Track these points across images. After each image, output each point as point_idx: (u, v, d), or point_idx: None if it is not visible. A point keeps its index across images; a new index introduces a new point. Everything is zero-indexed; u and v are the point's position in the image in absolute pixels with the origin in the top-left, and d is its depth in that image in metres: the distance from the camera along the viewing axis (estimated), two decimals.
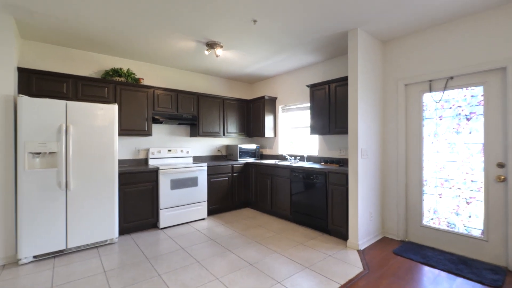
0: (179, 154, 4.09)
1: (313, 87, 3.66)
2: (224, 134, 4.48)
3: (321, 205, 3.20)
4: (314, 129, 3.64)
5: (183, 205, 3.59)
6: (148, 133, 3.62)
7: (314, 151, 4.08)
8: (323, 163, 3.58)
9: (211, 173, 3.97)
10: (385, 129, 3.15)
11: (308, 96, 4.13)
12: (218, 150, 4.76)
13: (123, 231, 3.21)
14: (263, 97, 4.52)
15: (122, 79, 3.49)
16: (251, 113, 4.79)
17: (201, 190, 3.78)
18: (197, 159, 4.45)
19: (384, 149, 3.16)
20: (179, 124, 4.15)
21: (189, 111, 4.04)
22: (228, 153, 4.75)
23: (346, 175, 2.93)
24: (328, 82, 3.44)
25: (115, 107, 2.92)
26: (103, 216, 2.83)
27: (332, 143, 3.75)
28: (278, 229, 3.37)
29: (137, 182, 3.25)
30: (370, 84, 2.96)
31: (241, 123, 4.74)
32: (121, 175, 3.12)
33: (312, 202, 3.31)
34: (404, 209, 2.99)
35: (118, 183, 3.08)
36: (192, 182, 3.68)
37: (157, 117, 3.67)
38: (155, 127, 4.01)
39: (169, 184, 3.46)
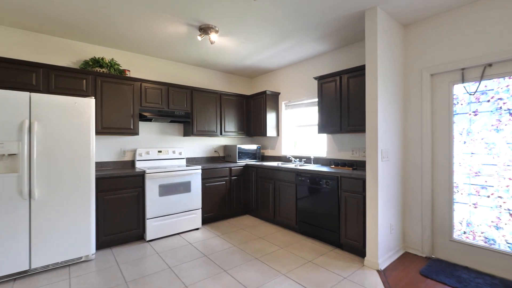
0: (170, 155, 3.66)
1: (321, 79, 3.22)
2: (221, 133, 4.05)
3: (332, 215, 2.77)
4: (323, 128, 3.20)
5: (174, 214, 3.16)
6: (134, 131, 3.19)
7: (322, 152, 3.64)
8: (333, 166, 3.15)
9: (206, 176, 3.53)
10: (407, 127, 2.71)
11: (315, 90, 3.69)
12: (215, 151, 4.33)
13: (102, 244, 2.77)
14: (264, 92, 4.09)
15: (104, 70, 3.06)
16: (251, 110, 4.36)
17: (195, 196, 3.35)
18: (191, 161, 4.02)
19: (406, 150, 2.72)
20: (171, 122, 3.72)
21: (181, 107, 3.61)
22: (226, 154, 4.32)
23: (362, 181, 2.50)
24: (339, 73, 3.01)
25: (91, 101, 2.50)
26: (76, 229, 2.40)
27: (343, 143, 3.32)
28: (282, 242, 2.93)
29: (120, 188, 2.82)
30: (389, 74, 2.52)
31: (240, 121, 4.31)
32: (100, 180, 2.69)
33: (322, 211, 2.87)
34: (430, 220, 2.55)
35: (96, 190, 2.66)
36: (184, 187, 3.25)
37: (145, 113, 3.24)
38: (143, 125, 3.58)
39: (157, 190, 3.03)
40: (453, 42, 2.40)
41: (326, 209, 2.82)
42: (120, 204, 2.82)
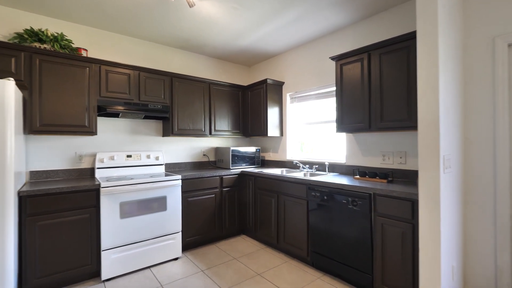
0: (144, 161, 2.84)
1: (341, 59, 2.40)
2: (210, 133, 3.23)
3: (361, 248, 1.94)
4: (343, 125, 2.38)
5: (142, 242, 2.34)
6: (89, 130, 2.38)
7: (340, 157, 2.82)
8: (357, 177, 2.32)
9: (188, 189, 2.72)
10: (469, 122, 1.88)
11: (331, 76, 2.87)
12: (204, 155, 3.51)
13: None
14: (265, 81, 3.27)
15: (46, 46, 2.25)
16: (249, 104, 3.54)
17: (173, 215, 2.53)
18: (172, 168, 3.20)
19: (467, 156, 1.89)
20: (146, 118, 2.91)
21: (158, 99, 2.80)
22: (218, 158, 3.51)
23: (411, 202, 1.67)
24: (367, 49, 2.19)
25: (8, 84, 1.69)
26: None
27: (370, 145, 2.50)
28: (291, 283, 2.11)
29: (62, 209, 2.01)
30: (449, 45, 1.70)
31: (235, 118, 3.50)
32: (29, 199, 1.88)
33: (346, 241, 2.05)
34: (511, 260, 1.73)
35: (23, 213, 1.85)
36: (158, 204, 2.43)
37: (106, 106, 2.43)
38: (106, 123, 2.76)
39: (117, 210, 2.21)
40: None
41: (352, 239, 2.00)
42: (63, 231, 2.01)
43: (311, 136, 3.20)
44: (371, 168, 2.45)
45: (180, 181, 2.58)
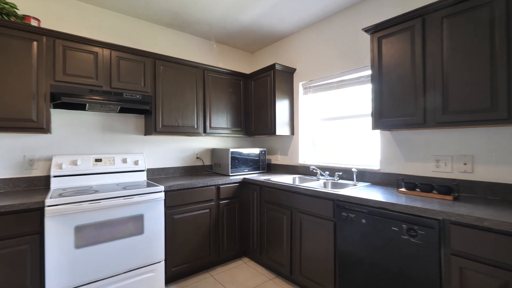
0: (119, 166, 2.21)
1: (379, 31, 1.78)
2: (205, 131, 2.61)
3: None
4: (384, 119, 1.76)
5: (109, 278, 1.71)
6: (38, 126, 1.75)
7: (371, 162, 2.20)
8: (403, 190, 1.70)
9: (175, 203, 2.09)
10: None
11: (363, 56, 2.24)
12: (197, 158, 2.89)
13: None
14: (272, 67, 2.65)
15: None
16: (252, 96, 2.92)
17: (153, 240, 1.90)
18: (157, 174, 2.58)
19: None
20: (123, 111, 2.29)
21: (136, 87, 2.17)
22: (214, 162, 2.88)
23: None
24: (420, 12, 1.56)
25: None
26: None
27: (417, 147, 1.87)
28: None
29: None
30: None
31: (236, 112, 2.87)
32: None
33: (393, 285, 1.42)
34: None
35: None
36: (132, 226, 1.81)
37: (63, 94, 1.80)
38: (67, 116, 2.14)
39: (72, 237, 1.58)
40: None
41: (409, 282, 1.37)
42: None
43: (329, 135, 2.57)
44: (420, 178, 1.82)
45: (162, 193, 1.95)
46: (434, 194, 1.55)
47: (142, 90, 2.19)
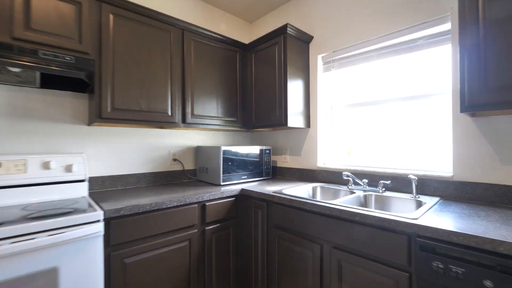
0: (37, 174, 1.33)
1: None
2: (185, 120, 1.77)
3: None
4: (488, 93, 1.00)
5: None
6: None
7: (437, 167, 1.44)
8: None
9: (125, 238, 1.23)
10: None
11: (417, 13, 1.49)
12: (175, 160, 2.03)
13: None
14: (283, 30, 1.85)
15: None
16: (253, 74, 2.11)
17: None
18: (109, 185, 1.70)
19: None
20: (45, 86, 1.41)
21: (65, 42, 1.30)
22: (199, 166, 2.05)
23: None
24: None
25: None
26: None
27: None
28: None
29: None
30: None
31: (230, 96, 2.05)
32: None
33: None
34: None
35: None
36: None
37: None
38: None
39: None
40: None
41: None
42: None
43: (362, 127, 1.81)
44: None
45: (101, 224, 1.10)
46: None
47: (77, 49, 1.33)
